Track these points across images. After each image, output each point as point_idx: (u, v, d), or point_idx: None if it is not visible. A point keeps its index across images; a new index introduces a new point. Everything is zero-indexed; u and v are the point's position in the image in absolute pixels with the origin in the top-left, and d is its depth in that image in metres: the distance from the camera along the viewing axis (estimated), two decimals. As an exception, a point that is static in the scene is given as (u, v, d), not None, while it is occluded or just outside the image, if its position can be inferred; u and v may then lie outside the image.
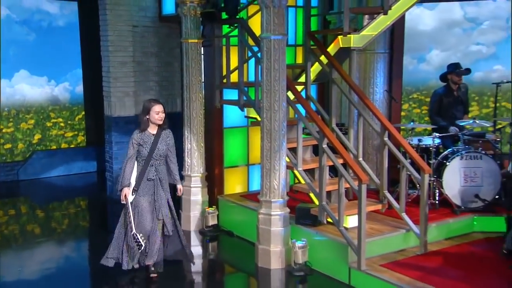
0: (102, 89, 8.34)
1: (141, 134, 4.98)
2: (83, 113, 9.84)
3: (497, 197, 6.13)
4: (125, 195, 4.90)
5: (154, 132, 5.01)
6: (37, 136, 9.45)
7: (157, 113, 4.94)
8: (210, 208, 6.62)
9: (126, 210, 4.95)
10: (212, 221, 6.55)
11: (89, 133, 9.89)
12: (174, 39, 8.32)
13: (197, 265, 5.66)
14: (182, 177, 6.81)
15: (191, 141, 6.73)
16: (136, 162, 5.01)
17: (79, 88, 9.77)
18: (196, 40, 6.60)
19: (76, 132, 9.83)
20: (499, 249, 5.43)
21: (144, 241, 4.82)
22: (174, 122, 8.12)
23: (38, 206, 8.16)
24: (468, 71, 6.81)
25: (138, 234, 4.79)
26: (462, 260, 5.24)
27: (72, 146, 9.80)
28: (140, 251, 4.91)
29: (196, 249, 6.22)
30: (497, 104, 6.87)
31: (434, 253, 5.40)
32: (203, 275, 5.67)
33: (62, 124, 9.67)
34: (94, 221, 7.80)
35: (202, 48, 6.78)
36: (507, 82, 6.78)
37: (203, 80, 6.85)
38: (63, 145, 9.70)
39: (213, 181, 6.94)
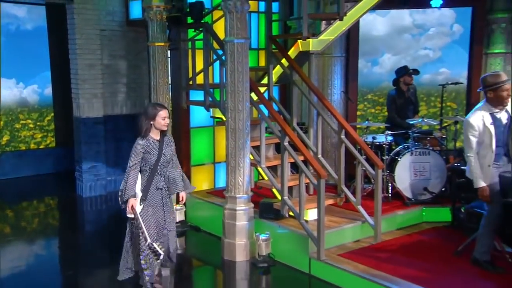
0: (70, 91, 8.15)
1: (145, 141, 4.40)
2: (52, 114, 9.58)
3: (443, 189, 6.31)
4: (132, 206, 4.32)
5: (157, 138, 4.46)
6: (5, 137, 9.14)
7: (163, 118, 4.39)
8: (178, 205, 6.52)
9: (136, 221, 4.32)
10: (179, 217, 6.46)
11: (58, 134, 9.63)
12: (141, 43, 8.21)
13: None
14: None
15: (159, 141, 6.64)
16: (140, 171, 4.44)
17: (48, 90, 9.50)
18: (162, 44, 6.52)
19: (45, 133, 9.56)
20: (446, 237, 5.61)
21: (162, 249, 4.19)
22: (142, 123, 8.07)
23: (8, 205, 7.90)
24: (417, 71, 7.00)
25: (154, 243, 4.17)
26: (413, 248, 5.38)
27: (42, 147, 9.52)
28: (158, 261, 4.32)
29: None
30: (443, 104, 7.08)
31: (387, 243, 5.51)
32: (171, 269, 5.60)
33: (31, 126, 9.39)
34: (64, 220, 7.60)
35: (169, 51, 6.71)
36: (452, 83, 7.00)
37: (170, 82, 6.79)
38: (32, 146, 9.42)
39: (181, 179, 6.87)
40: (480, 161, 4.62)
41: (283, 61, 6.29)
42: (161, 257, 4.19)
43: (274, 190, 5.90)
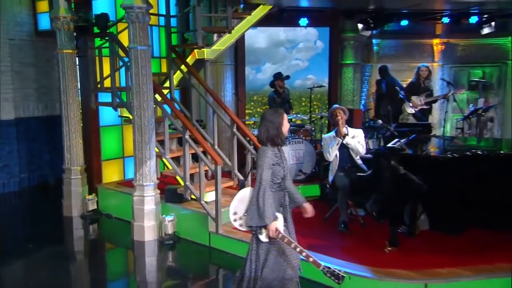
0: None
1: (273, 151, 3.13)
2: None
3: (313, 170, 6.50)
4: (277, 230, 3.08)
5: (277, 146, 3.20)
6: None
7: (288, 121, 3.20)
8: (90, 196, 5.98)
9: (291, 245, 3.11)
10: (92, 207, 5.92)
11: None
12: (51, 51, 7.35)
13: (79, 245, 5.07)
14: (63, 171, 6.10)
15: (70, 139, 6.01)
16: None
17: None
18: (70, 51, 5.91)
19: (-45, 136, 8.18)
20: (317, 208, 5.71)
21: (342, 271, 3.01)
22: (54, 124, 7.25)
23: None
24: (288, 77, 7.16)
25: (331, 267, 2.99)
26: (293, 218, 5.43)
27: (-48, 149, 8.13)
28: (340, 283, 3.01)
29: (78, 231, 5.57)
30: (311, 103, 7.32)
31: (273, 215, 5.53)
32: (85, 253, 5.08)
33: None
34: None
35: (77, 58, 6.08)
36: (317, 87, 7.27)
37: (79, 86, 6.15)
38: None
39: (92, 172, 6.30)
40: (332, 163, 5.11)
41: (183, 67, 6.05)
42: (343, 279, 2.95)
43: (178, 178, 5.61)
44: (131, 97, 5.18)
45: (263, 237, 3.12)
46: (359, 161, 5.06)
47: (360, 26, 7.53)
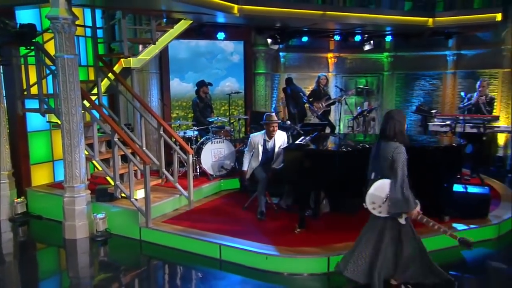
0: None
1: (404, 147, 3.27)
2: None
3: (233, 166, 6.61)
4: (418, 212, 3.28)
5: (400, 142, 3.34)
6: None
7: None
8: (19, 199, 5.46)
9: (428, 223, 3.30)
10: (21, 209, 5.42)
11: None
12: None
13: (8, 247, 4.62)
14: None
15: (-5, 144, 5.42)
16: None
17: None
18: (-7, 59, 5.30)
19: None
20: (237, 199, 5.88)
21: (471, 238, 3.25)
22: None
23: None
24: (211, 84, 7.21)
25: (464, 237, 3.25)
26: (216, 209, 5.52)
27: None
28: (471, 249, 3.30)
29: (7, 234, 5.07)
30: (230, 107, 7.44)
31: (198, 208, 5.54)
32: (15, 255, 4.64)
33: None
34: None
35: (1, 66, 5.48)
36: (235, 93, 7.42)
37: (4, 93, 5.56)
38: None
39: (21, 176, 5.75)
40: (253, 163, 5.23)
41: (110, 75, 5.77)
42: (473, 245, 3.20)
43: (108, 178, 5.38)
44: (59, 103, 4.83)
45: (402, 220, 3.34)
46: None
47: (269, 40, 7.83)
